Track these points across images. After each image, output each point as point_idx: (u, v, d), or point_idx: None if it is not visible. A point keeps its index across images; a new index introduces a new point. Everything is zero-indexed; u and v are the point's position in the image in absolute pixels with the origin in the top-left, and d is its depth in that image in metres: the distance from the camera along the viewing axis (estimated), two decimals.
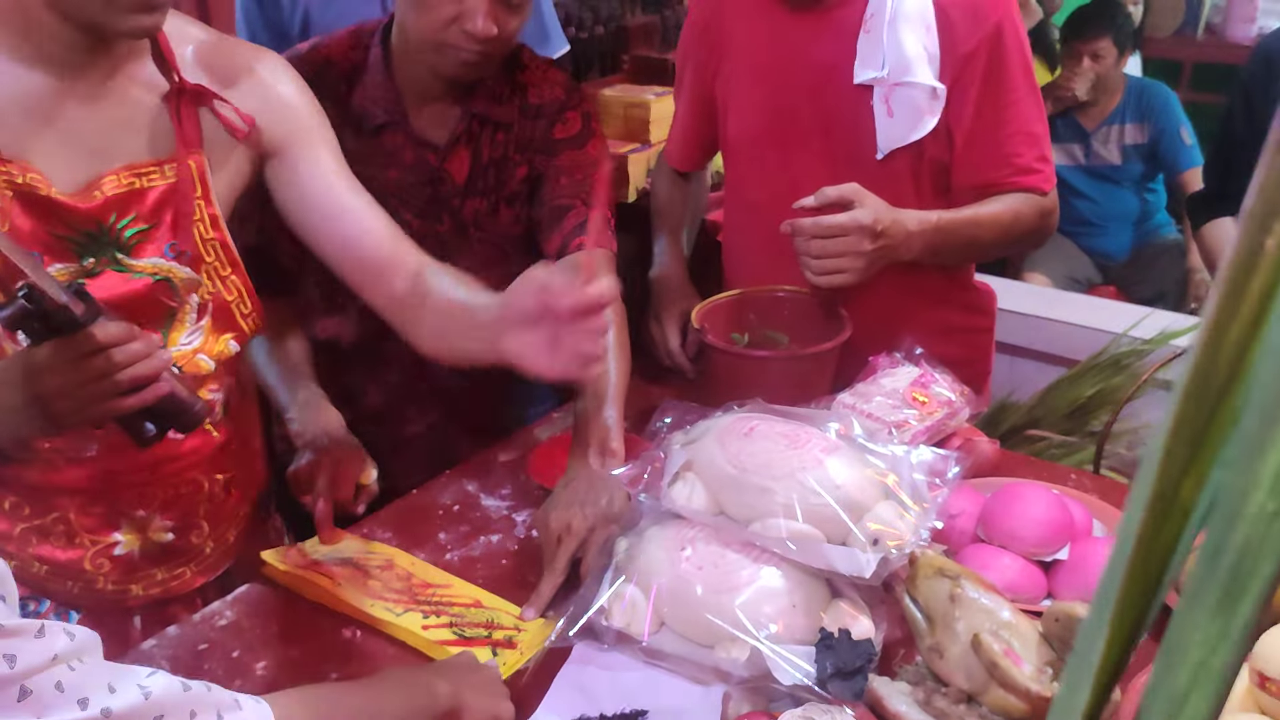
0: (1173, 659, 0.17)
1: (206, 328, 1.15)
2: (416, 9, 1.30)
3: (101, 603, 1.21)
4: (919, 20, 1.40)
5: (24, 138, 1.02)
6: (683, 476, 1.09)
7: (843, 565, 0.99)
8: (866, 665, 0.95)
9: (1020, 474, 1.31)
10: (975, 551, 1.14)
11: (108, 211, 1.06)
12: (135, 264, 1.09)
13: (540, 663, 1.05)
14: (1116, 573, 0.16)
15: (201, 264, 1.12)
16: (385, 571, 1.20)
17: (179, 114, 1.09)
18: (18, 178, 1.01)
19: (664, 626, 1.03)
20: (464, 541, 1.27)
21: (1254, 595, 0.16)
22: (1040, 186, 1.47)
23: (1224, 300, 0.14)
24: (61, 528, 1.16)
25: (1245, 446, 0.15)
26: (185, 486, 1.20)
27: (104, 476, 1.14)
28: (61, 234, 1.05)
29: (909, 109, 1.42)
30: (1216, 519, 0.16)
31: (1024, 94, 1.45)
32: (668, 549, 1.05)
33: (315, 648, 1.10)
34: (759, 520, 1.03)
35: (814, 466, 1.04)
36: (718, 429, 1.11)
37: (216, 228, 1.12)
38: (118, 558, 1.19)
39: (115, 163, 1.06)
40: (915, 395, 1.33)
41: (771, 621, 0.99)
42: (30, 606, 1.22)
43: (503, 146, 1.44)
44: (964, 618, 0.95)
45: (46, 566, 1.18)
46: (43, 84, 1.02)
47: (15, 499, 1.15)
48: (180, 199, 1.09)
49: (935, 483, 1.09)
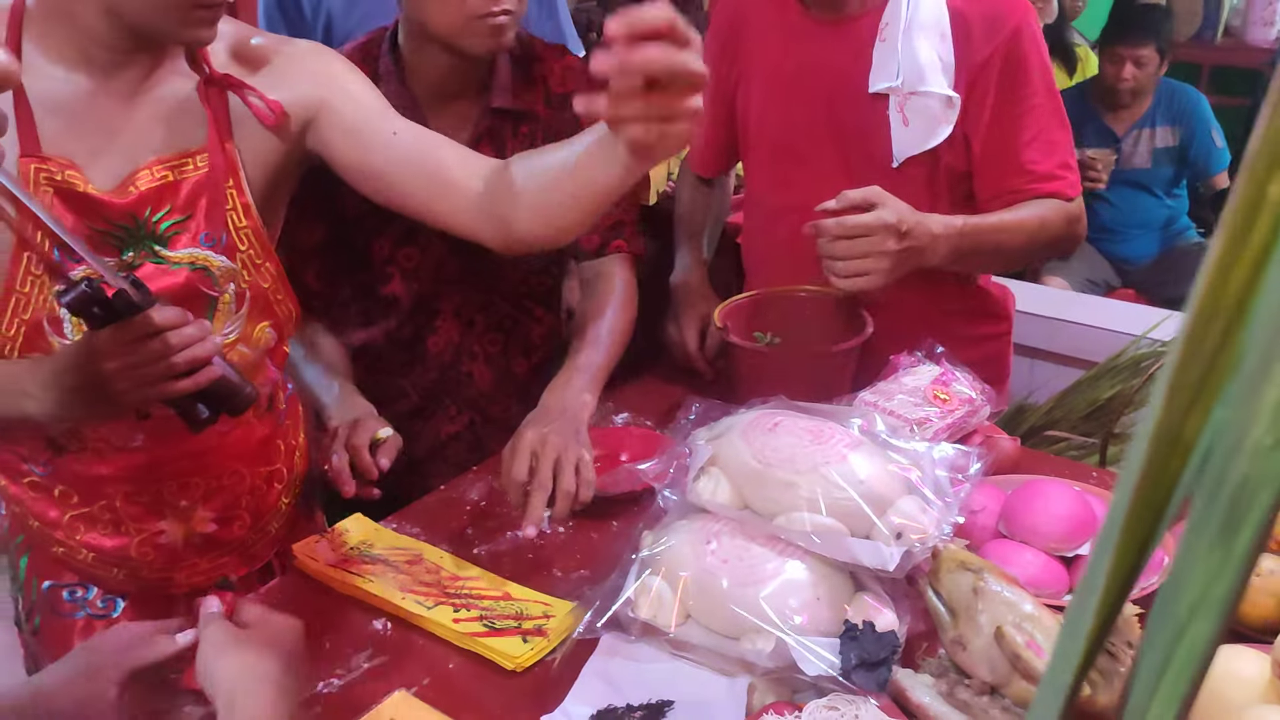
0: (1176, 589, 0.19)
1: (245, 316, 1.18)
2: (436, 2, 1.31)
3: (146, 590, 1.25)
4: (934, 29, 1.41)
5: (62, 136, 1.05)
6: (708, 471, 1.11)
7: (867, 558, 1.01)
8: (890, 656, 0.97)
9: (1041, 472, 1.32)
10: (997, 547, 1.16)
11: (143, 205, 1.09)
12: (173, 255, 1.11)
13: (568, 653, 1.07)
14: (1122, 504, 0.18)
15: (236, 252, 1.15)
16: (414, 566, 1.22)
17: (210, 105, 1.12)
18: (57, 175, 1.05)
19: (689, 619, 1.05)
20: (491, 536, 1.29)
21: (1252, 526, 0.18)
22: (1063, 192, 1.46)
23: (1227, 245, 0.16)
24: (109, 516, 1.19)
25: (1245, 385, 0.17)
26: (227, 478, 1.23)
27: (149, 466, 1.17)
28: (101, 229, 1.08)
29: (924, 118, 1.43)
30: (1217, 454, 0.18)
31: (1042, 100, 1.44)
32: (693, 542, 1.07)
33: (346, 638, 1.13)
34: (783, 514, 1.04)
35: (838, 461, 1.05)
36: (742, 425, 1.13)
37: (249, 215, 1.15)
38: (162, 546, 1.22)
39: (148, 157, 1.09)
40: (936, 393, 1.35)
41: (796, 614, 1.00)
42: (78, 593, 1.26)
43: (529, 139, 1.45)
44: (987, 610, 0.96)
45: (94, 554, 1.21)
46: (81, 84, 1.06)
47: (64, 487, 1.18)
48: (213, 188, 1.12)
49: (957, 478, 1.11)
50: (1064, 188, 1.46)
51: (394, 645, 1.12)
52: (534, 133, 1.46)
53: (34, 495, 1.20)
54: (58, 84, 1.05)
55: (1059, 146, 1.46)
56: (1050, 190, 1.45)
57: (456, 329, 1.52)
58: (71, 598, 1.26)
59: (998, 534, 1.19)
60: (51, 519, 1.20)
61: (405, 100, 1.41)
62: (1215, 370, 0.17)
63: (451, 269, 1.48)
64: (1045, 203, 1.45)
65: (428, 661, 1.09)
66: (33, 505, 1.21)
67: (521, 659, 1.07)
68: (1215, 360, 0.17)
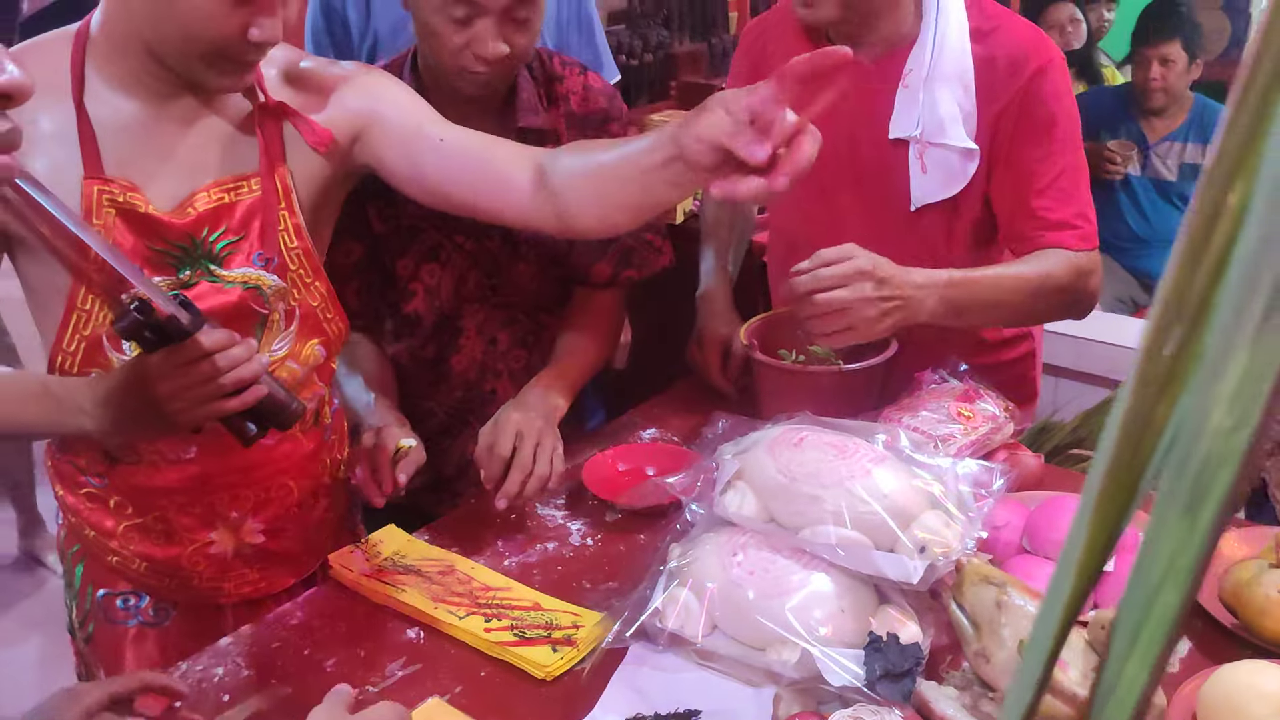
0: (1147, 558, 0.21)
1: (294, 334, 1.22)
2: (428, 39, 1.34)
3: (197, 599, 1.28)
4: (956, 79, 1.41)
5: (124, 158, 1.10)
6: (734, 485, 1.13)
7: (891, 571, 1.02)
8: (915, 668, 0.98)
9: (1065, 489, 1.32)
10: (1021, 562, 1.17)
11: (200, 226, 1.13)
12: (227, 274, 1.16)
13: (597, 662, 1.09)
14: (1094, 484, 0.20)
15: (287, 271, 1.19)
16: (446, 576, 1.25)
17: (263, 131, 1.17)
18: (119, 196, 1.09)
19: (716, 629, 1.07)
20: (521, 548, 1.32)
21: (1215, 501, 0.20)
22: (1072, 244, 1.40)
23: (1190, 248, 0.18)
24: (161, 526, 1.23)
25: (1207, 375, 0.19)
26: (276, 491, 1.26)
27: (201, 478, 1.21)
28: (160, 249, 1.12)
29: (942, 168, 1.44)
30: (1183, 437, 0.20)
31: (1060, 146, 1.40)
32: (720, 555, 1.09)
33: (381, 646, 1.15)
34: (809, 527, 1.06)
35: (862, 476, 1.07)
36: (768, 440, 1.15)
37: (300, 237, 1.19)
38: (213, 556, 1.26)
39: (206, 179, 1.14)
40: (960, 410, 1.36)
41: (821, 625, 1.02)
42: (131, 601, 1.29)
43: None
44: (1010, 624, 0.98)
45: (146, 563, 1.25)
46: (141, 109, 1.11)
47: (120, 498, 1.22)
48: (266, 210, 1.17)
49: (981, 493, 1.12)
50: (1074, 239, 1.40)
51: (427, 654, 1.14)
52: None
53: (90, 505, 1.24)
54: (119, 109, 1.10)
55: (1075, 197, 1.41)
56: (1059, 240, 1.40)
57: (480, 347, 1.54)
58: (125, 606, 1.29)
59: (1021, 550, 1.20)
60: (107, 529, 1.24)
61: None
62: (1180, 362, 0.19)
63: (472, 286, 1.51)
64: (1052, 255, 1.39)
65: (460, 670, 1.12)
66: (89, 515, 1.25)
67: (551, 668, 1.09)
68: (1181, 353, 0.19)
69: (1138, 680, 0.20)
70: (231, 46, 1.04)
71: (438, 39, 1.32)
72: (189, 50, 1.05)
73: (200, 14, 1.01)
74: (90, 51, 1.10)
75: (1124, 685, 0.20)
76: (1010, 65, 1.41)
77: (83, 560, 1.30)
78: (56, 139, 1.07)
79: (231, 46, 1.04)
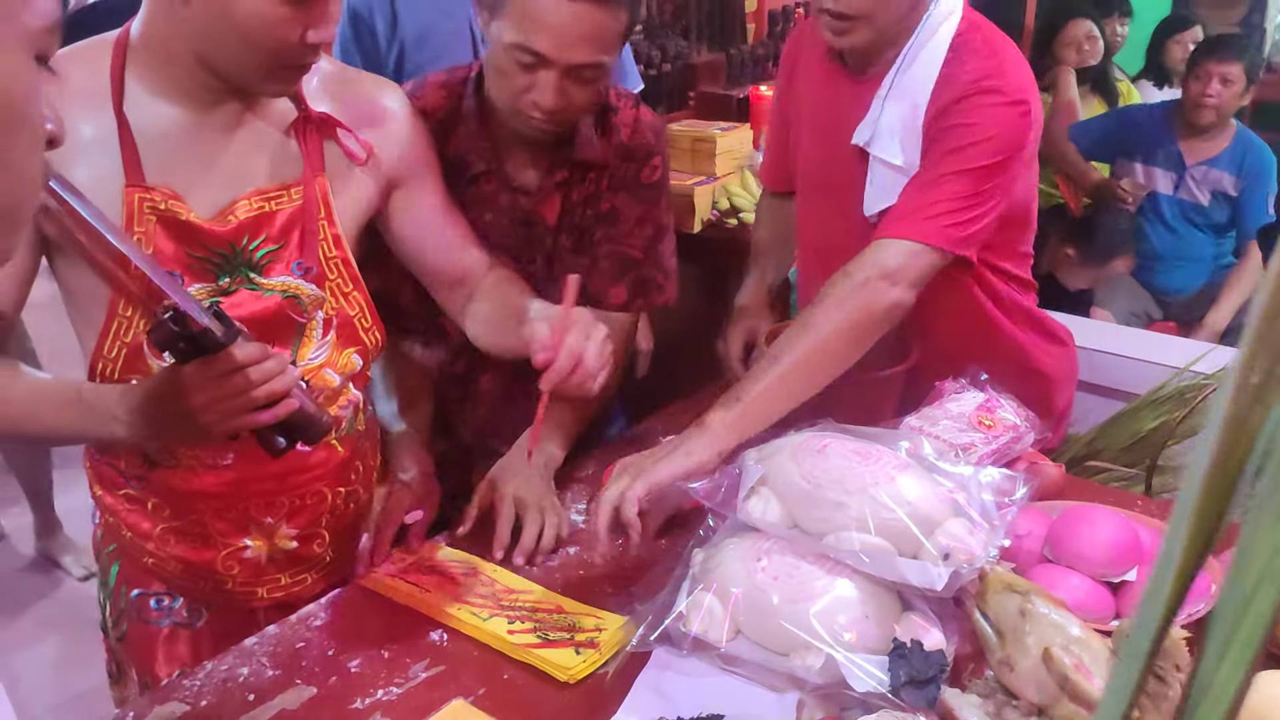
0: (1242, 563, 0.22)
1: (332, 342, 1.22)
2: (495, 77, 1.35)
3: (230, 603, 1.29)
4: (908, 97, 1.41)
5: (166, 166, 1.11)
6: (758, 491, 1.14)
7: (915, 578, 1.03)
8: (939, 675, 0.98)
9: (1086, 499, 1.33)
10: (1043, 571, 1.17)
11: (241, 234, 1.14)
12: (266, 282, 1.17)
13: (621, 666, 1.10)
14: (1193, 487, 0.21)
15: (325, 281, 1.20)
16: (470, 579, 1.26)
17: (305, 141, 1.18)
18: (161, 204, 1.10)
19: (740, 634, 1.08)
20: (546, 552, 1.33)
21: None
22: (915, 235, 1.34)
23: None
24: (198, 530, 1.24)
25: None
26: (310, 497, 1.27)
27: (237, 484, 1.22)
28: (200, 256, 1.13)
29: (884, 178, 1.46)
30: (1278, 443, 0.21)
31: (951, 166, 1.36)
32: (744, 560, 1.09)
33: (405, 648, 1.16)
34: (833, 533, 1.07)
35: (886, 482, 1.08)
36: (791, 446, 1.16)
37: (339, 247, 1.21)
38: (247, 561, 1.26)
39: (247, 187, 1.15)
40: (981, 419, 1.37)
41: (845, 631, 1.03)
42: (164, 602, 1.30)
43: (594, 184, 1.49)
44: (1034, 632, 0.98)
45: (181, 565, 1.26)
46: (183, 117, 1.11)
47: (158, 500, 1.23)
48: (306, 220, 1.18)
49: (1003, 501, 1.13)
50: (922, 231, 1.34)
51: (451, 655, 1.15)
52: (600, 179, 1.48)
53: (129, 507, 1.25)
54: (160, 116, 1.11)
55: (942, 201, 1.35)
56: (903, 232, 1.35)
57: (509, 367, 1.54)
58: (159, 606, 1.30)
59: (1043, 559, 1.20)
60: (144, 530, 1.25)
61: (484, 143, 1.43)
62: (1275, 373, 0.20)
63: None
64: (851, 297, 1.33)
65: (484, 672, 1.12)
66: (126, 516, 1.26)
67: (575, 670, 1.10)
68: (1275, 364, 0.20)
69: (1232, 682, 0.21)
70: (290, 51, 1.05)
71: (503, 78, 1.33)
72: (247, 58, 1.06)
73: (260, 20, 1.02)
74: (131, 59, 1.10)
75: (1218, 687, 0.21)
76: (948, 86, 1.38)
77: (118, 560, 1.31)
78: (97, 147, 1.08)
79: (290, 51, 1.05)
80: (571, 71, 1.29)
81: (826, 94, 1.54)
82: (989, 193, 1.37)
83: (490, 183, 1.45)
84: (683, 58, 3.14)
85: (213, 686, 1.11)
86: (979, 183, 1.36)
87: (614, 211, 1.50)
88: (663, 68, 3.06)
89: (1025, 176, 1.48)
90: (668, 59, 3.07)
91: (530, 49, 1.27)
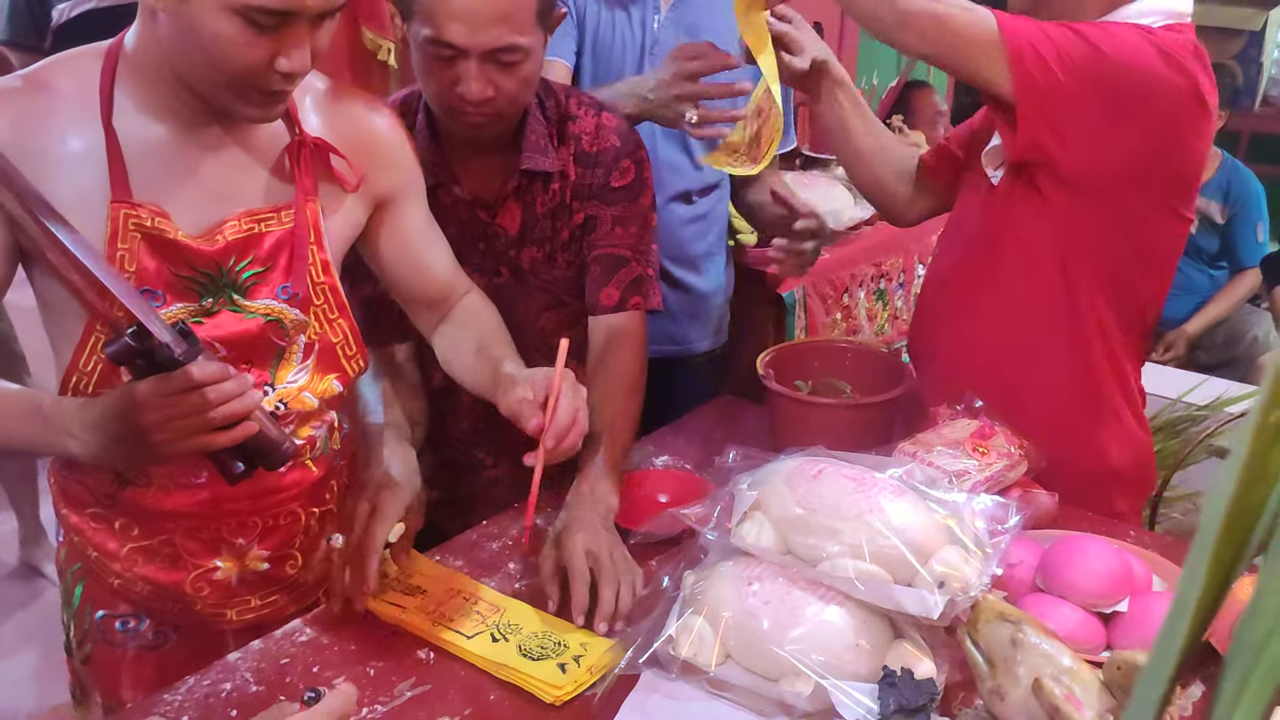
0: (1258, 608, 0.22)
1: (312, 366, 1.20)
2: (423, 78, 1.36)
3: (198, 624, 1.26)
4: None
5: (154, 183, 1.08)
6: (751, 516, 1.13)
7: (911, 606, 1.02)
8: (929, 704, 0.98)
9: (1079, 529, 1.33)
10: (1035, 601, 1.17)
11: (228, 255, 1.12)
12: (249, 305, 1.14)
13: (609, 689, 1.08)
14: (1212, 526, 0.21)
15: (311, 306, 1.18)
16: (454, 597, 1.24)
17: (298, 164, 1.15)
18: (146, 221, 1.07)
19: (729, 659, 1.07)
20: (533, 571, 1.31)
21: None
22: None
23: None
24: (167, 550, 1.21)
25: None
26: (284, 518, 1.25)
27: (209, 504, 1.19)
28: (185, 275, 1.11)
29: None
30: None
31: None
32: (735, 584, 1.08)
33: (391, 665, 1.15)
34: (827, 560, 1.06)
35: (881, 509, 1.07)
36: (785, 471, 1.15)
37: (328, 273, 1.19)
38: (217, 582, 1.24)
39: (237, 208, 1.13)
40: (975, 446, 1.36)
41: (836, 658, 1.02)
42: (131, 624, 1.27)
43: (559, 195, 1.48)
44: (1025, 662, 0.98)
45: (150, 586, 1.23)
46: (172, 134, 1.09)
47: (125, 519, 1.21)
48: (296, 244, 1.16)
49: (996, 529, 1.12)
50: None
51: (437, 675, 1.14)
52: (563, 190, 1.48)
53: (95, 526, 1.22)
54: (149, 132, 1.08)
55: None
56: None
57: None
58: (124, 628, 1.27)
59: (1035, 588, 1.20)
60: (110, 550, 1.22)
61: (435, 156, 1.44)
62: None
63: None
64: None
65: (470, 692, 1.11)
66: (93, 536, 1.23)
67: (562, 691, 1.08)
68: None
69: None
70: (258, 77, 1.03)
71: (429, 77, 1.35)
72: (215, 80, 1.03)
73: (224, 43, 0.99)
74: (121, 73, 1.08)
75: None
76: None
77: (83, 580, 1.27)
78: (84, 160, 1.05)
79: (258, 77, 1.03)
80: (489, 57, 1.30)
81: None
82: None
83: (446, 196, 1.44)
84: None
85: (195, 701, 1.09)
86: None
87: (590, 220, 1.50)
88: None
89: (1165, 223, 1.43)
90: None
91: (443, 40, 1.28)
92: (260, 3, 0.98)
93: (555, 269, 1.52)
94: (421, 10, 1.29)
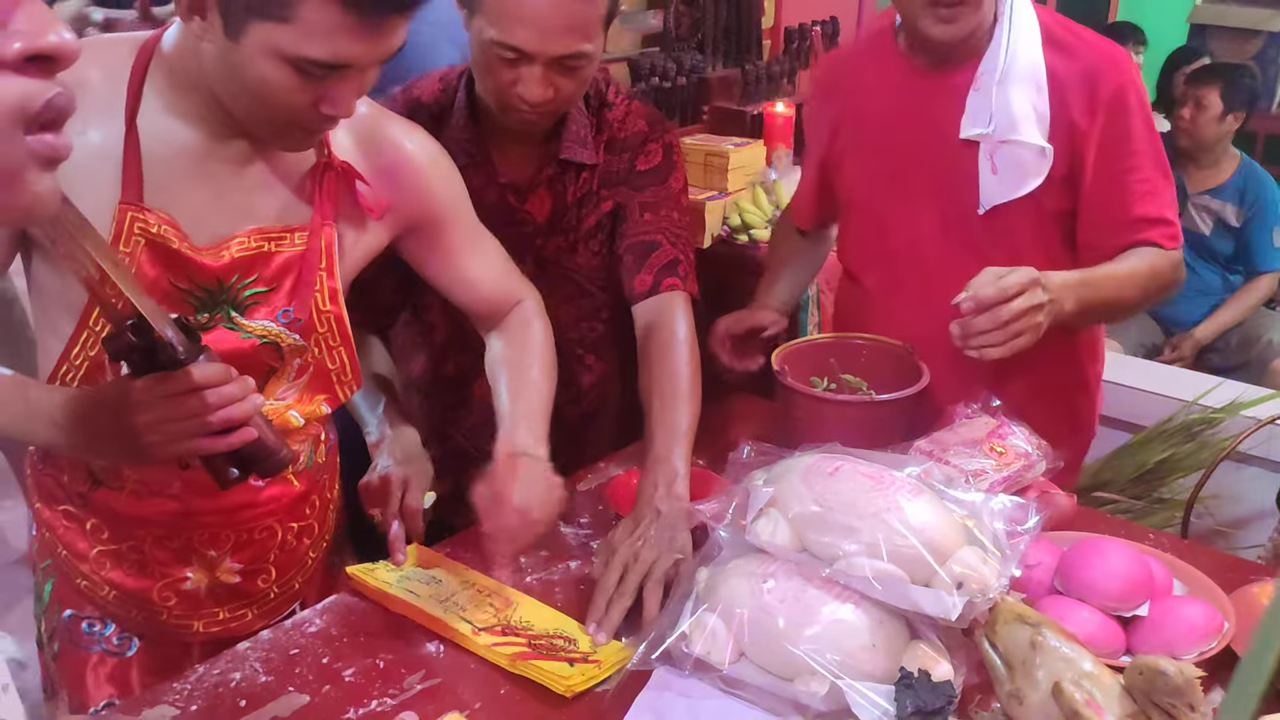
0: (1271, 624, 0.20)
1: (303, 386, 1.18)
2: (480, 74, 1.35)
3: (163, 634, 1.24)
4: (1029, 80, 1.43)
5: (168, 188, 1.05)
6: (766, 513, 1.11)
7: (929, 606, 1.00)
8: (946, 706, 0.96)
9: (1098, 530, 1.31)
10: (1053, 603, 1.15)
11: (232, 271, 1.09)
12: (247, 324, 1.11)
13: (620, 684, 1.07)
14: None
15: (313, 333, 1.15)
16: (466, 590, 1.23)
17: (320, 187, 1.12)
18: (153, 227, 1.04)
19: (743, 657, 1.05)
20: (544, 566, 1.30)
21: None
22: (1164, 243, 1.47)
23: None
24: (135, 556, 1.19)
25: None
26: (260, 532, 1.23)
27: (183, 513, 1.17)
28: (184, 287, 1.08)
29: (1014, 168, 1.45)
30: None
31: (1145, 149, 1.46)
32: (750, 581, 1.07)
33: (401, 658, 1.14)
34: (843, 558, 1.05)
35: (899, 508, 1.05)
36: (801, 468, 1.13)
37: (335, 301, 1.15)
38: (185, 593, 1.21)
39: (248, 224, 1.10)
40: (992, 446, 1.35)
41: (852, 658, 1.00)
42: (96, 627, 1.25)
43: (587, 184, 1.47)
44: (1044, 665, 0.96)
45: (115, 591, 1.21)
46: (196, 141, 1.06)
47: (97, 521, 1.19)
48: (305, 268, 1.12)
49: (1015, 530, 1.11)
50: (1166, 237, 1.47)
51: (447, 668, 1.13)
52: (592, 178, 1.47)
53: (66, 524, 1.20)
54: (174, 135, 1.05)
55: (1162, 197, 1.47)
56: (1153, 238, 1.46)
57: None
58: (89, 631, 1.24)
59: (1053, 590, 1.18)
60: (79, 550, 1.20)
61: (472, 136, 1.43)
62: None
63: None
64: (1150, 251, 1.46)
65: (480, 686, 1.10)
66: (63, 534, 1.21)
67: (572, 682, 1.07)
68: None
69: None
70: (302, 117, 1.01)
71: (488, 75, 1.33)
72: (257, 114, 1.02)
73: (272, 88, 0.98)
74: (153, 71, 1.05)
75: None
76: (1086, 82, 1.44)
77: (53, 576, 1.25)
78: (100, 155, 1.02)
79: (302, 117, 1.01)
80: (555, 63, 1.29)
81: (904, 95, 1.52)
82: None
83: (477, 177, 1.42)
84: (698, 72, 3.13)
85: (204, 691, 1.08)
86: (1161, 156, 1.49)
87: (619, 208, 1.48)
88: (677, 80, 3.05)
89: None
90: (683, 72, 3.06)
91: (510, 45, 1.26)
92: (313, 55, 0.96)
93: (577, 257, 1.50)
94: (489, 9, 1.27)
